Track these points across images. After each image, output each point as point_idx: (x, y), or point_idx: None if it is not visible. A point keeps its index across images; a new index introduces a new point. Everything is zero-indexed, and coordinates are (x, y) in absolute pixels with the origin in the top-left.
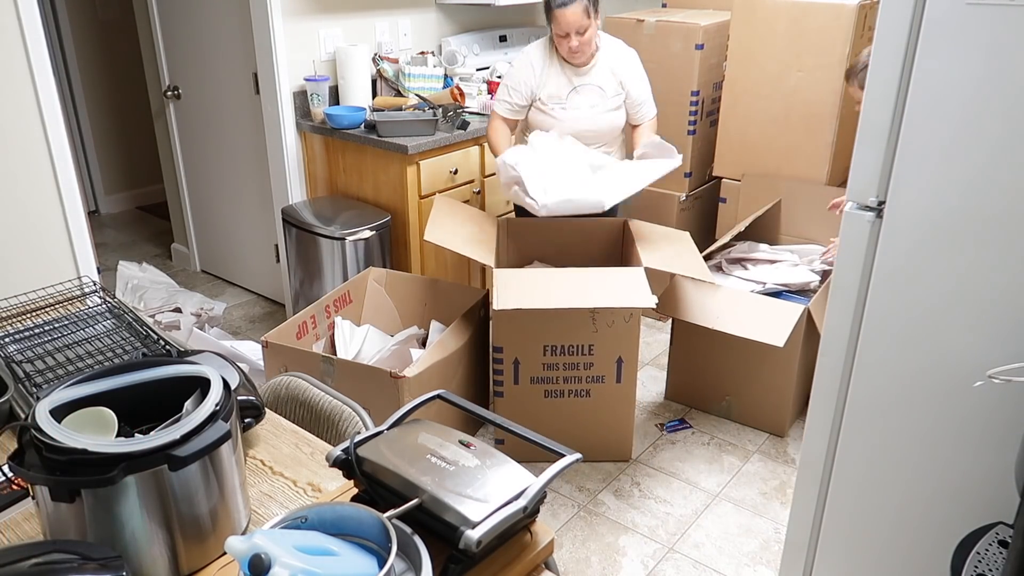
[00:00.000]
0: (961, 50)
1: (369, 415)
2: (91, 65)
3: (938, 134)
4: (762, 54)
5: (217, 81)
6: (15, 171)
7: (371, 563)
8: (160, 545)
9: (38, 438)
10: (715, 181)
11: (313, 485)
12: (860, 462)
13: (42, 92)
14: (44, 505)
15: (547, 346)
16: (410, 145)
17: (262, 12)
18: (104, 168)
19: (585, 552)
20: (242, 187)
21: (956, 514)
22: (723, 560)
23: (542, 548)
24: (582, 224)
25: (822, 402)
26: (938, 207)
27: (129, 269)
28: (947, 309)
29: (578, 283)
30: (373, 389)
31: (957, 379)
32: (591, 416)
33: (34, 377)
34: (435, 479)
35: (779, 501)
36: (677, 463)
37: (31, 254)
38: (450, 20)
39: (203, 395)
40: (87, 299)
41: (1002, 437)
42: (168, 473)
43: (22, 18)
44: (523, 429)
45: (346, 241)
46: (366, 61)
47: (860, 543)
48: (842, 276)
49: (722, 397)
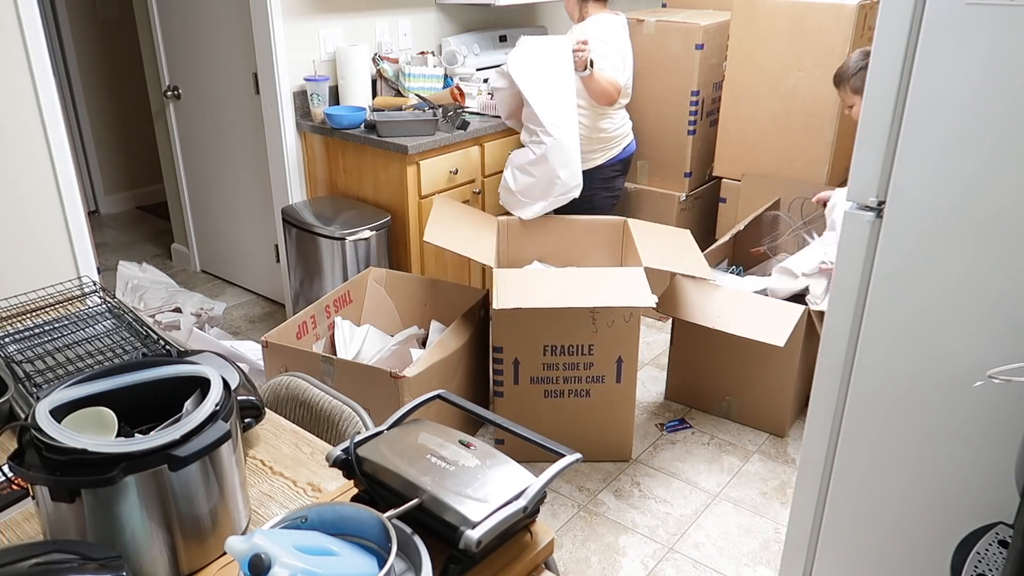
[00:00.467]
0: (961, 50)
1: (369, 415)
2: (91, 65)
3: (938, 134)
4: (762, 54)
5: (217, 81)
6: (15, 171)
7: (371, 563)
8: (160, 545)
9: (38, 438)
10: (715, 181)
11: (313, 485)
12: (860, 462)
13: (42, 92)
14: (44, 505)
15: (547, 346)
16: (410, 145)
17: (262, 12)
18: (104, 168)
19: (585, 552)
20: (242, 187)
21: (956, 514)
22: (723, 560)
23: (542, 548)
24: (582, 224)
25: (822, 402)
26: (938, 207)
27: (129, 269)
28: (947, 309)
29: (578, 283)
30: (373, 389)
31: (957, 379)
32: (591, 416)
33: (34, 377)
34: (435, 479)
35: (779, 501)
36: (677, 463)
37: (31, 254)
38: (450, 20)
39: (203, 395)
40: (87, 299)
41: (1002, 437)
42: (168, 473)
43: (22, 18)
44: (523, 429)
45: (346, 241)
46: (366, 61)
47: (860, 543)
48: (842, 276)
49: (722, 397)
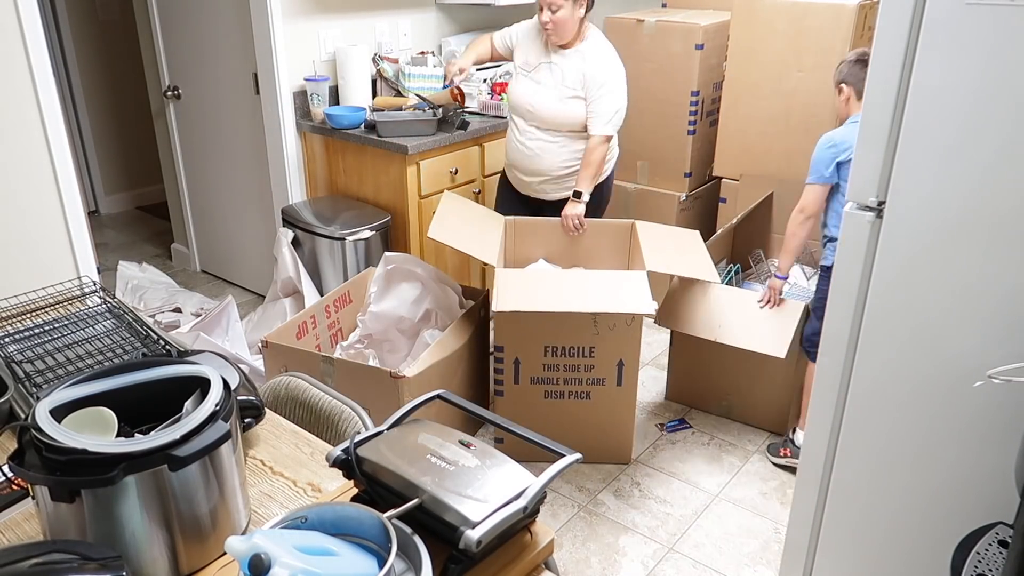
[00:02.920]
0: (961, 50)
1: (369, 415)
2: (91, 65)
3: (938, 134)
4: (762, 54)
5: (217, 81)
6: (15, 171)
7: (371, 563)
8: (160, 545)
9: (38, 438)
10: (715, 181)
11: (313, 485)
12: (860, 462)
13: (42, 92)
14: (44, 505)
15: (548, 347)
16: (410, 145)
17: (262, 12)
18: (104, 168)
19: (585, 552)
20: (242, 187)
21: (956, 514)
22: (723, 560)
23: (542, 548)
24: (590, 225)
25: (822, 402)
26: (938, 207)
27: (129, 269)
28: (947, 309)
29: (578, 286)
30: (373, 389)
31: (957, 379)
32: (591, 418)
33: (34, 377)
34: (435, 479)
35: (779, 501)
36: (677, 463)
37: (31, 254)
38: (450, 20)
39: (203, 395)
40: (87, 299)
41: (1002, 437)
42: (168, 473)
43: (22, 18)
44: (523, 429)
45: (346, 241)
46: (366, 61)
47: (860, 543)
48: (842, 276)
49: (723, 397)
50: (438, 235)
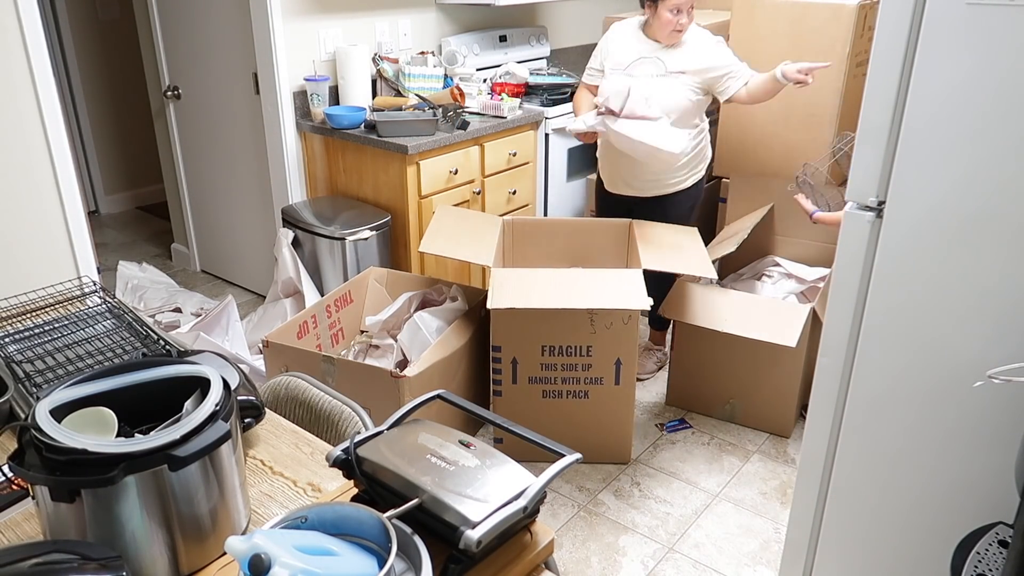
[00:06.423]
0: (961, 50)
1: (369, 415)
2: (91, 65)
3: (938, 134)
4: (762, 54)
5: (217, 81)
6: (15, 171)
7: (371, 563)
8: (160, 545)
9: (38, 438)
10: (715, 181)
11: (313, 485)
12: (860, 462)
13: (42, 92)
14: (44, 505)
15: (545, 346)
16: (410, 145)
17: (262, 12)
18: (104, 168)
19: (585, 552)
20: (242, 187)
21: (956, 514)
22: (723, 560)
23: (542, 548)
24: (587, 224)
25: (822, 402)
26: (938, 207)
27: (129, 269)
28: (947, 309)
29: (574, 284)
30: (373, 389)
31: (957, 379)
32: (589, 418)
33: (34, 377)
34: (435, 479)
35: (779, 501)
36: (677, 463)
37: (31, 254)
38: (450, 20)
39: (203, 395)
40: (87, 299)
41: (1002, 437)
42: (168, 473)
43: (22, 18)
44: (524, 429)
45: (346, 241)
46: (366, 61)
47: (860, 543)
48: (842, 276)
49: (725, 400)
50: (430, 248)
